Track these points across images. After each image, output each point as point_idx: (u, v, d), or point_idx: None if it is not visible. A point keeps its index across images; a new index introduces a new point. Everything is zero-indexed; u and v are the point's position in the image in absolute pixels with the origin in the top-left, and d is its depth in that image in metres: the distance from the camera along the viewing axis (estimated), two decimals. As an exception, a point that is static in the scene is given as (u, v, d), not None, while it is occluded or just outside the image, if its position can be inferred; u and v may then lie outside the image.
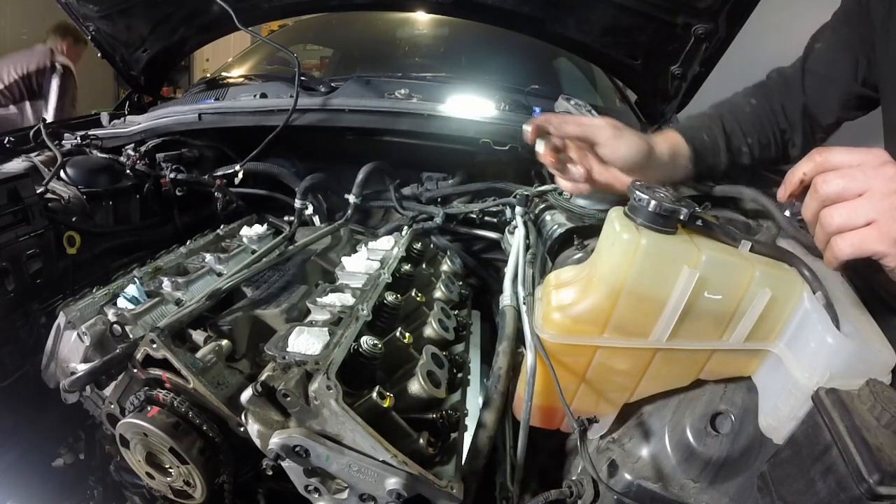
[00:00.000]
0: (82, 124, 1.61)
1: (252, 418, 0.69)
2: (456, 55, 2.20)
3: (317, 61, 2.85)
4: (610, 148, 0.81)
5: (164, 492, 0.81)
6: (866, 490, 0.47)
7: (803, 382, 0.60)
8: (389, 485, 0.65)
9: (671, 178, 0.91)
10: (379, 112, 1.37)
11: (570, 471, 0.81)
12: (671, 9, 1.24)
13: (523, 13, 1.41)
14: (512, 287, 0.99)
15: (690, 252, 0.65)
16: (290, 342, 0.74)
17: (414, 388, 0.75)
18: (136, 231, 1.37)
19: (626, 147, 0.81)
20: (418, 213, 1.49)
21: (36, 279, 1.05)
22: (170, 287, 0.99)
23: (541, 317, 0.78)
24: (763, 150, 0.96)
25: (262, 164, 1.47)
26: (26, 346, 1.03)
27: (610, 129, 0.81)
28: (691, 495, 0.67)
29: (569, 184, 0.89)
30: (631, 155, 0.81)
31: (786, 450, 0.59)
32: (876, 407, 0.52)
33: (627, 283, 0.67)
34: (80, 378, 0.78)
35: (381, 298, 0.92)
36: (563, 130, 0.82)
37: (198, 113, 1.43)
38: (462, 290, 1.16)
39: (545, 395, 0.78)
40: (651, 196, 0.66)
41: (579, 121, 0.83)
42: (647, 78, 1.49)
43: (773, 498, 0.57)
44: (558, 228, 1.14)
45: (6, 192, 1.00)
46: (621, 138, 0.81)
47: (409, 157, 1.57)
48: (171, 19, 1.62)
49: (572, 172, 0.87)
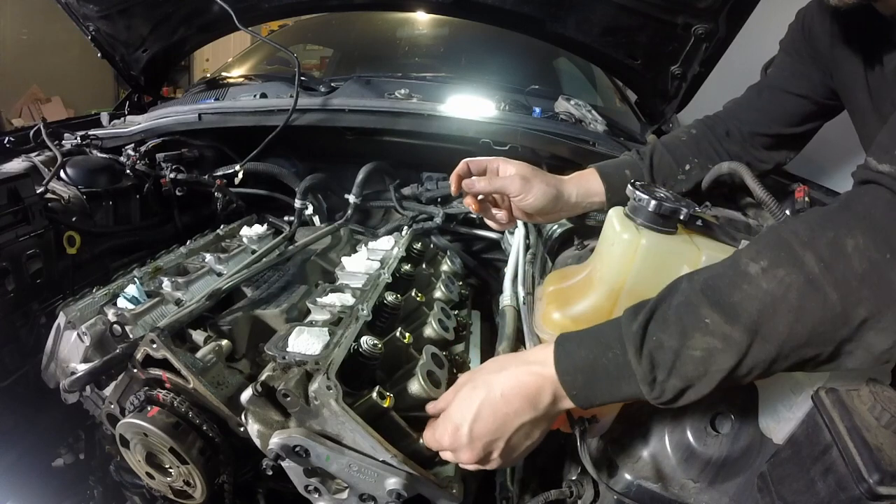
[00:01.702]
0: (82, 124, 1.61)
1: (252, 418, 0.69)
2: (456, 55, 2.20)
3: (317, 61, 2.85)
4: (519, 199, 0.91)
5: (164, 492, 0.81)
6: (866, 490, 0.47)
7: (803, 382, 0.60)
8: (389, 485, 0.65)
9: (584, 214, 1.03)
10: (379, 112, 1.37)
11: (570, 471, 0.81)
12: (671, 9, 1.24)
13: (523, 13, 1.41)
14: (512, 287, 0.99)
15: (690, 252, 0.65)
16: (290, 342, 0.74)
17: (414, 388, 0.75)
18: (136, 231, 1.37)
19: (533, 197, 0.91)
20: (418, 213, 1.49)
21: (36, 279, 1.05)
22: (170, 287, 0.99)
23: (541, 317, 0.78)
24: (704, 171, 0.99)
25: (262, 164, 1.47)
26: (26, 346, 1.03)
27: (518, 181, 0.90)
28: (691, 495, 0.67)
29: (495, 224, 1.00)
30: (538, 203, 0.91)
31: (786, 450, 0.59)
32: (876, 407, 0.52)
33: (627, 282, 0.67)
34: (80, 378, 0.78)
35: (381, 298, 0.92)
36: (475, 190, 0.93)
37: (198, 113, 1.42)
38: (462, 290, 1.16)
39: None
40: (651, 196, 0.67)
41: (490, 179, 0.93)
42: (647, 78, 1.49)
43: (773, 498, 0.57)
44: (558, 228, 1.14)
45: (6, 192, 0.99)
46: (529, 190, 0.90)
47: (409, 157, 1.56)
48: (171, 19, 1.62)
49: (495, 216, 0.98)
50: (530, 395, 0.60)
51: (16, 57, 4.91)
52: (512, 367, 0.63)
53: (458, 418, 0.63)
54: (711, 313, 0.52)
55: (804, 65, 1.00)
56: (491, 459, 0.64)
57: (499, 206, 0.98)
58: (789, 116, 1.02)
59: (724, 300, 0.52)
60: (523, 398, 0.60)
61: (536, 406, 0.60)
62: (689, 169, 1.01)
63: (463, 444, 0.63)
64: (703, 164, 1.00)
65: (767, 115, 1.03)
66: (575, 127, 1.45)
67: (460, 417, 0.63)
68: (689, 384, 0.53)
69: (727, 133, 1.03)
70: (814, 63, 0.98)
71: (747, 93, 1.08)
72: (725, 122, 1.05)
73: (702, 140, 1.04)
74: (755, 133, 1.03)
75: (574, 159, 1.30)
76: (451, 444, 0.64)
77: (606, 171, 0.97)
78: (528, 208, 0.92)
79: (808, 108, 1.01)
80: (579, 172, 0.98)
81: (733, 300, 0.51)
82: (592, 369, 0.57)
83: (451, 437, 0.64)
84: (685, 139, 1.04)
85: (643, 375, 0.54)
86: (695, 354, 0.52)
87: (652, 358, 0.54)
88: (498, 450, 0.63)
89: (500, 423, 0.61)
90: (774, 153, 1.05)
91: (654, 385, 0.54)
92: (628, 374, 0.55)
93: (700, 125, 1.07)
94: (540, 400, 0.60)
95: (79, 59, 5.22)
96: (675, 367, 0.53)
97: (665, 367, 0.53)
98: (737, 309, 0.51)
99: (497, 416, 0.61)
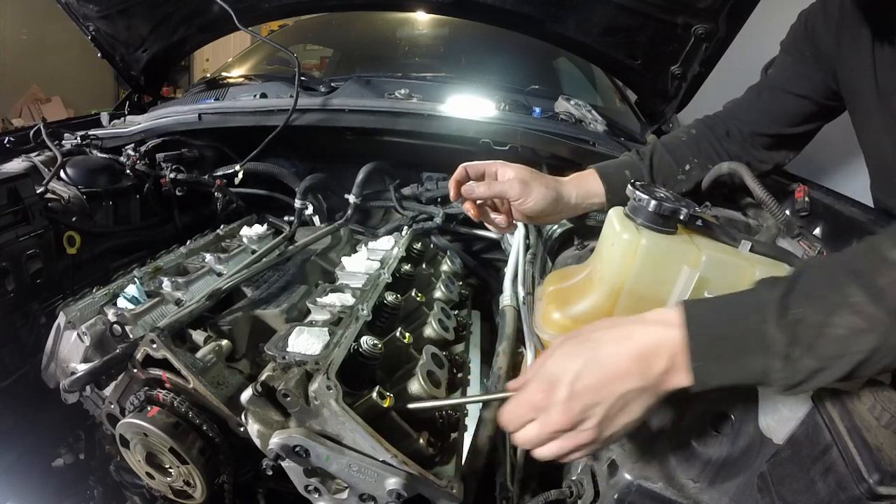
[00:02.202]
0: (82, 124, 1.61)
1: (252, 418, 0.69)
2: (456, 55, 2.20)
3: (317, 61, 2.85)
4: (519, 203, 0.90)
5: (164, 492, 0.81)
6: (866, 490, 0.47)
7: (803, 382, 0.60)
8: (389, 485, 0.65)
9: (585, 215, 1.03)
10: (379, 112, 1.37)
11: (570, 471, 0.81)
12: (671, 9, 1.24)
13: (523, 13, 1.41)
14: (512, 287, 0.99)
15: (690, 252, 0.65)
16: (290, 342, 0.74)
17: (414, 388, 0.75)
18: (136, 231, 1.37)
19: (532, 201, 0.90)
20: (418, 213, 1.49)
21: (36, 279, 1.05)
22: (170, 287, 0.99)
23: (540, 317, 0.78)
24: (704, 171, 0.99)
25: (262, 164, 1.47)
26: (26, 346, 1.03)
27: (517, 185, 0.89)
28: (691, 495, 0.67)
29: (495, 228, 0.99)
30: (538, 206, 0.91)
31: (786, 450, 0.59)
32: (876, 407, 0.52)
33: (627, 282, 0.67)
34: (80, 378, 0.78)
35: (381, 298, 0.92)
36: (474, 195, 0.92)
37: (198, 113, 1.43)
38: (462, 290, 1.16)
39: (545, 395, 0.78)
40: (651, 196, 0.67)
41: (489, 184, 0.92)
42: (647, 78, 1.49)
43: (773, 498, 0.57)
44: (558, 228, 1.14)
45: (6, 192, 0.99)
46: (529, 194, 0.90)
47: (409, 157, 1.56)
48: (171, 19, 1.62)
49: (494, 220, 0.97)
50: (644, 357, 0.54)
51: (16, 57, 4.91)
52: (627, 324, 0.57)
53: (556, 373, 0.57)
54: (858, 292, 0.49)
55: (806, 65, 1.00)
56: (583, 429, 0.57)
57: (498, 211, 0.98)
58: (790, 117, 1.02)
59: (871, 282, 0.49)
60: (634, 359, 0.54)
61: (646, 372, 0.54)
62: (689, 169, 1.01)
63: (558, 403, 0.56)
64: (702, 164, 1.00)
65: (768, 115, 1.03)
66: (575, 127, 1.45)
67: (559, 372, 0.56)
68: (823, 366, 0.50)
69: (727, 133, 1.04)
70: (816, 63, 0.98)
71: (747, 93, 1.08)
72: (725, 122, 1.05)
73: (702, 140, 1.04)
74: (755, 133, 1.03)
75: (574, 159, 1.30)
76: (542, 403, 0.57)
77: (606, 171, 0.97)
78: (527, 212, 0.92)
79: (809, 109, 1.01)
80: (578, 174, 0.98)
81: (879, 284, 0.49)
82: (724, 337, 0.52)
83: (545, 394, 0.57)
84: (685, 139, 1.04)
85: (780, 349, 0.50)
86: (837, 332, 0.49)
87: (792, 331, 0.50)
88: (595, 417, 0.56)
89: (604, 384, 0.55)
90: (774, 153, 1.05)
91: (788, 361, 0.50)
92: (762, 346, 0.51)
93: (700, 125, 1.07)
94: (652, 365, 0.54)
95: (79, 59, 5.22)
96: (814, 345, 0.49)
97: (803, 344, 0.49)
98: (884, 293, 0.48)
99: (603, 376, 0.55)
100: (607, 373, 0.55)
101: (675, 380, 0.54)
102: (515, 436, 0.60)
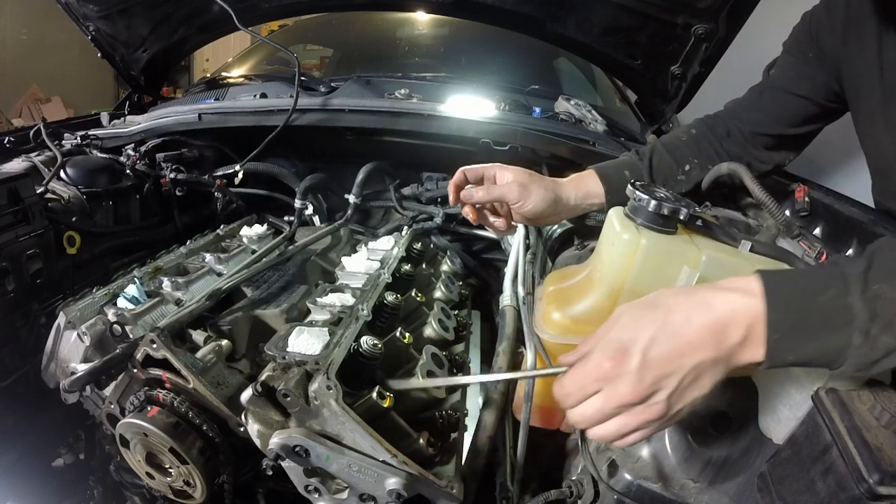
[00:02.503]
0: (82, 124, 1.61)
1: (252, 418, 0.69)
2: (456, 55, 2.20)
3: (317, 61, 2.85)
4: (518, 206, 0.91)
5: (164, 492, 0.81)
6: (866, 490, 0.47)
7: (803, 382, 0.60)
8: (389, 485, 0.65)
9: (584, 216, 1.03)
10: (379, 112, 1.37)
11: (570, 471, 0.81)
12: (671, 9, 1.24)
13: (523, 13, 1.41)
14: (512, 287, 0.99)
15: (690, 252, 0.65)
16: (290, 342, 0.74)
17: (414, 388, 0.75)
18: (136, 231, 1.37)
19: (532, 203, 0.90)
20: (418, 213, 1.49)
21: (36, 279, 1.05)
22: (170, 287, 0.99)
23: (540, 317, 0.78)
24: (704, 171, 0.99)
25: (262, 164, 1.47)
26: (26, 346, 1.03)
27: (516, 188, 0.90)
28: (691, 495, 0.67)
29: (494, 231, 1.00)
30: (537, 208, 0.91)
31: (786, 450, 0.59)
32: (876, 407, 0.52)
33: (627, 282, 0.67)
34: (80, 378, 0.78)
35: (381, 298, 0.92)
36: (474, 200, 0.93)
37: (198, 113, 1.43)
38: (462, 290, 1.16)
39: (545, 395, 0.78)
40: (651, 196, 0.67)
41: (488, 188, 0.93)
42: (647, 78, 1.49)
43: (773, 498, 0.57)
44: (558, 228, 1.14)
45: (6, 192, 0.99)
46: (528, 197, 0.90)
47: (409, 157, 1.57)
48: (171, 19, 1.62)
49: (494, 223, 0.98)
50: (720, 325, 0.51)
51: (16, 57, 4.91)
52: (702, 290, 0.54)
53: (626, 340, 0.53)
54: None
55: (808, 66, 1.00)
56: (652, 403, 0.53)
57: (497, 214, 0.98)
58: (791, 117, 1.02)
59: None
60: (710, 328, 0.51)
61: (721, 342, 0.51)
62: (689, 169, 1.01)
63: (629, 372, 0.52)
64: (702, 164, 1.00)
65: (769, 115, 1.03)
66: (575, 127, 1.46)
67: (630, 340, 0.53)
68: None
69: (728, 133, 1.03)
70: (819, 64, 0.98)
71: (749, 93, 1.08)
72: (726, 122, 1.05)
73: (702, 140, 1.04)
74: (756, 133, 1.03)
75: (574, 159, 1.30)
76: (611, 373, 0.53)
77: (605, 172, 0.97)
78: (527, 214, 0.92)
79: (810, 110, 1.01)
80: (578, 174, 0.98)
81: None
82: (807, 308, 0.50)
83: (615, 362, 0.52)
84: (685, 139, 1.04)
85: (862, 324, 0.48)
86: None
87: (872, 306, 0.48)
88: (667, 389, 0.52)
89: (679, 353, 0.51)
90: (775, 154, 1.05)
91: (867, 338, 0.48)
92: (846, 319, 0.49)
93: (700, 125, 1.07)
94: (728, 335, 0.51)
95: (79, 59, 5.22)
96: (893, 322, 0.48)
97: (882, 320, 0.48)
98: None
99: (678, 344, 0.51)
100: (682, 341, 0.51)
101: (748, 353, 0.51)
102: (573, 412, 0.56)
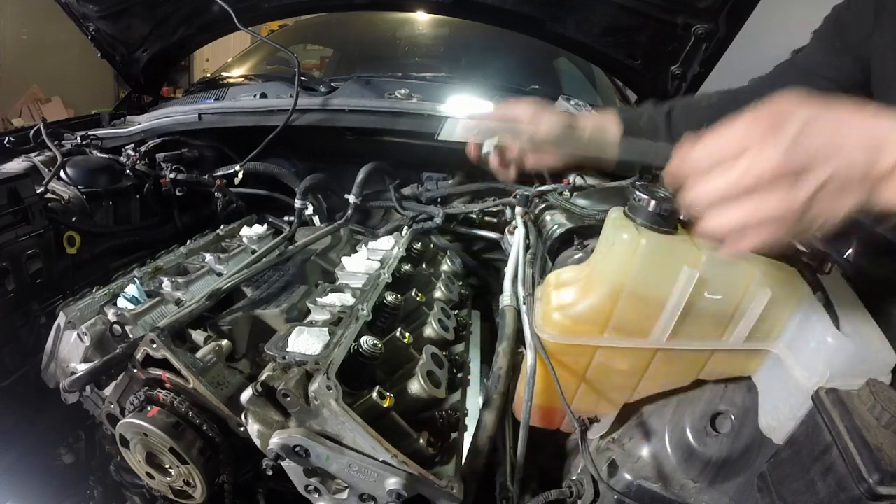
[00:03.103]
0: (82, 124, 1.61)
1: (252, 418, 0.69)
2: (456, 55, 2.20)
3: (317, 61, 2.85)
4: (533, 124, 0.91)
5: (164, 492, 0.81)
6: (866, 490, 0.47)
7: (803, 382, 0.60)
8: (389, 485, 0.65)
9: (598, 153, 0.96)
10: (379, 112, 1.37)
11: (570, 471, 0.81)
12: (671, 9, 1.24)
13: (523, 13, 1.41)
14: (512, 287, 0.99)
15: (690, 252, 0.65)
16: (290, 342, 0.74)
17: (414, 388, 0.75)
18: (136, 231, 1.37)
19: (546, 122, 0.90)
20: (418, 213, 1.49)
21: (36, 279, 1.05)
22: (170, 287, 0.99)
23: (541, 317, 0.78)
24: None
25: (262, 164, 1.47)
26: (26, 346, 1.03)
27: (530, 108, 0.93)
28: (691, 495, 0.67)
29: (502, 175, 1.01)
30: (552, 128, 0.90)
31: (786, 450, 0.59)
32: (876, 407, 0.52)
33: (627, 283, 0.67)
34: (80, 378, 0.78)
35: (381, 298, 0.92)
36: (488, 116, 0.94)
37: (198, 113, 1.43)
38: (462, 290, 1.16)
39: (545, 395, 0.78)
40: (651, 196, 0.66)
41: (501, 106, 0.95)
42: (647, 78, 1.49)
43: (773, 498, 0.57)
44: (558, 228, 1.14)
45: (6, 192, 0.99)
46: (542, 115, 0.92)
47: (409, 157, 1.56)
48: (171, 19, 1.62)
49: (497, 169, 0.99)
50: (878, 141, 0.46)
51: (16, 57, 4.91)
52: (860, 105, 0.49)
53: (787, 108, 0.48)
54: None
55: (836, 55, 0.98)
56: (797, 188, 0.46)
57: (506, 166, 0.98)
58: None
59: None
60: (868, 136, 0.46)
61: (874, 158, 0.46)
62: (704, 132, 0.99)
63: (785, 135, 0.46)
64: None
65: None
66: (575, 127, 1.45)
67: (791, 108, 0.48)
68: None
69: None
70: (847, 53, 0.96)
71: (775, 70, 1.06)
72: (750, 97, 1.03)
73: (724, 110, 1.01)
74: None
75: (574, 159, 1.30)
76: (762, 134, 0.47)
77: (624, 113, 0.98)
78: (541, 133, 0.90)
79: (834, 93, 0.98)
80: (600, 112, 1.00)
81: None
82: None
83: (772, 122, 0.47)
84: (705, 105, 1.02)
85: None
86: None
87: None
88: (817, 177, 0.46)
89: (840, 140, 0.46)
90: None
91: None
92: None
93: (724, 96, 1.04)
94: (882, 155, 0.45)
95: (79, 59, 5.21)
96: None
97: None
98: None
99: (837, 131, 0.46)
100: (842, 133, 0.46)
101: (890, 190, 0.46)
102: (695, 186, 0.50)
